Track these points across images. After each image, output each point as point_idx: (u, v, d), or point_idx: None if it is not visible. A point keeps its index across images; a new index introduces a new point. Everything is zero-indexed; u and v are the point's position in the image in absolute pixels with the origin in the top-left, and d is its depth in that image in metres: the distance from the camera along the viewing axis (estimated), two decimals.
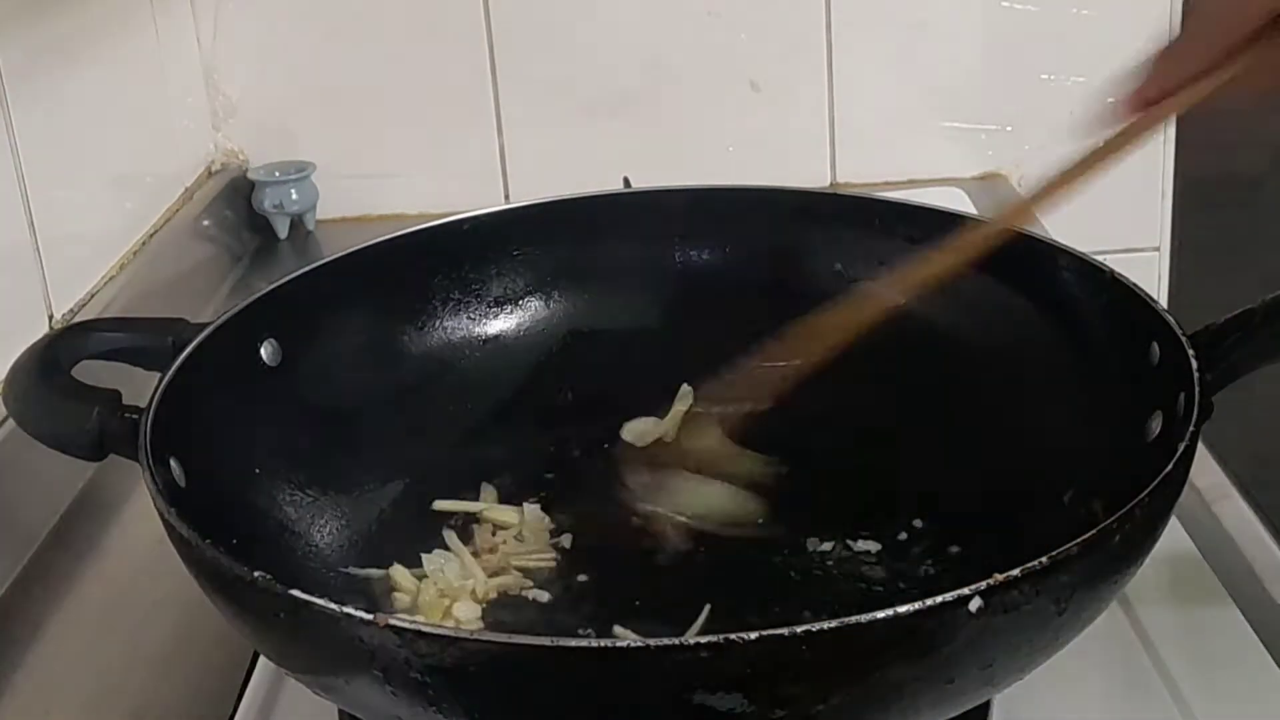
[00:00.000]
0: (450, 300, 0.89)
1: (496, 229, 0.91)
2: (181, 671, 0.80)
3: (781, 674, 0.52)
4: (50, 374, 0.72)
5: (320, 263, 0.84)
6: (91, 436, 0.69)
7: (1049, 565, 0.54)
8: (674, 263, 0.92)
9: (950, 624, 0.53)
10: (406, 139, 1.44)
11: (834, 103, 1.43)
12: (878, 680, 0.54)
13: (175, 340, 0.74)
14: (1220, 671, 0.71)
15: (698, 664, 0.51)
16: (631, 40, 1.41)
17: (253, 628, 0.60)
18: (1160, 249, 1.48)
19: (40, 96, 1.07)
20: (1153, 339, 0.72)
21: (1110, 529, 0.57)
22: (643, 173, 1.26)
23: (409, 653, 0.53)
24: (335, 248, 0.86)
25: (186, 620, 0.83)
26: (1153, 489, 0.59)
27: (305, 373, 0.80)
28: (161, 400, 0.69)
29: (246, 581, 0.57)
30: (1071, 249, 0.80)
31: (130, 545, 0.91)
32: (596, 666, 0.52)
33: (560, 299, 0.92)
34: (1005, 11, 1.39)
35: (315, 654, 0.58)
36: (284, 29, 1.40)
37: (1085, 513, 0.71)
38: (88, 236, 1.16)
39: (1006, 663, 0.57)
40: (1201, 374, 0.66)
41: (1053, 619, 0.56)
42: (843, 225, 0.90)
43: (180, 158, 1.38)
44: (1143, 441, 0.70)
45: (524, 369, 0.89)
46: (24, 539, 0.92)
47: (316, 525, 0.77)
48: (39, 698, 0.80)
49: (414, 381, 0.86)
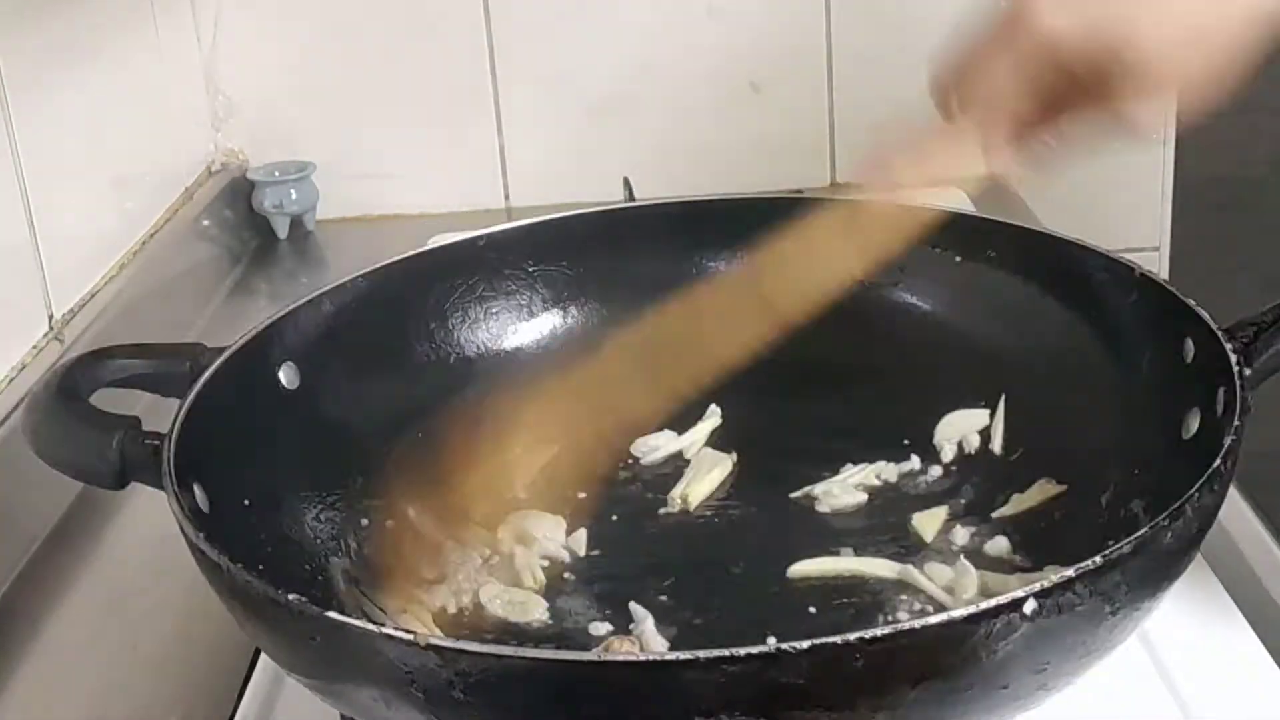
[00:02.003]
0: (468, 318, 0.88)
1: (510, 245, 0.90)
2: (181, 671, 0.80)
3: (834, 683, 0.52)
4: (69, 402, 0.71)
5: (334, 285, 0.83)
6: (113, 465, 0.68)
7: (1102, 565, 0.54)
8: (693, 274, 0.91)
9: (1005, 627, 0.53)
10: (406, 139, 1.43)
11: (834, 103, 1.43)
12: (932, 687, 0.53)
13: (192, 365, 0.74)
14: (1220, 671, 0.71)
15: (749, 675, 0.51)
16: (632, 40, 1.41)
17: (288, 650, 0.60)
18: (1160, 249, 1.48)
19: (40, 97, 1.07)
20: (1186, 336, 0.72)
21: (1162, 526, 0.56)
22: (642, 173, 1.26)
23: (450, 672, 0.52)
24: (335, 248, 0.86)
25: (186, 620, 0.83)
26: (1201, 484, 0.59)
27: (324, 394, 0.80)
28: (184, 425, 0.68)
29: (282, 605, 0.56)
30: (1098, 248, 0.80)
31: (130, 545, 0.91)
32: (641, 680, 0.52)
33: (578, 312, 0.91)
34: None
35: (352, 674, 0.57)
36: (284, 29, 1.40)
37: (1125, 513, 0.71)
38: (88, 236, 1.16)
39: (1060, 665, 0.57)
40: (1241, 368, 0.66)
41: (1105, 619, 0.56)
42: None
43: (180, 158, 1.38)
44: (1179, 439, 0.70)
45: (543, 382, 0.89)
46: (24, 539, 0.92)
47: (341, 544, 0.76)
48: (39, 698, 0.80)
49: (433, 398, 0.85)
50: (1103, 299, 0.79)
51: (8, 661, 0.82)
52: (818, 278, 0.74)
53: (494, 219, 1.34)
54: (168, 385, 0.74)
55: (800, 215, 0.78)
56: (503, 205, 1.45)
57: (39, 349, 1.04)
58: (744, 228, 0.91)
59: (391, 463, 0.81)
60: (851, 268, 0.76)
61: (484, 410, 0.85)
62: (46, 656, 0.83)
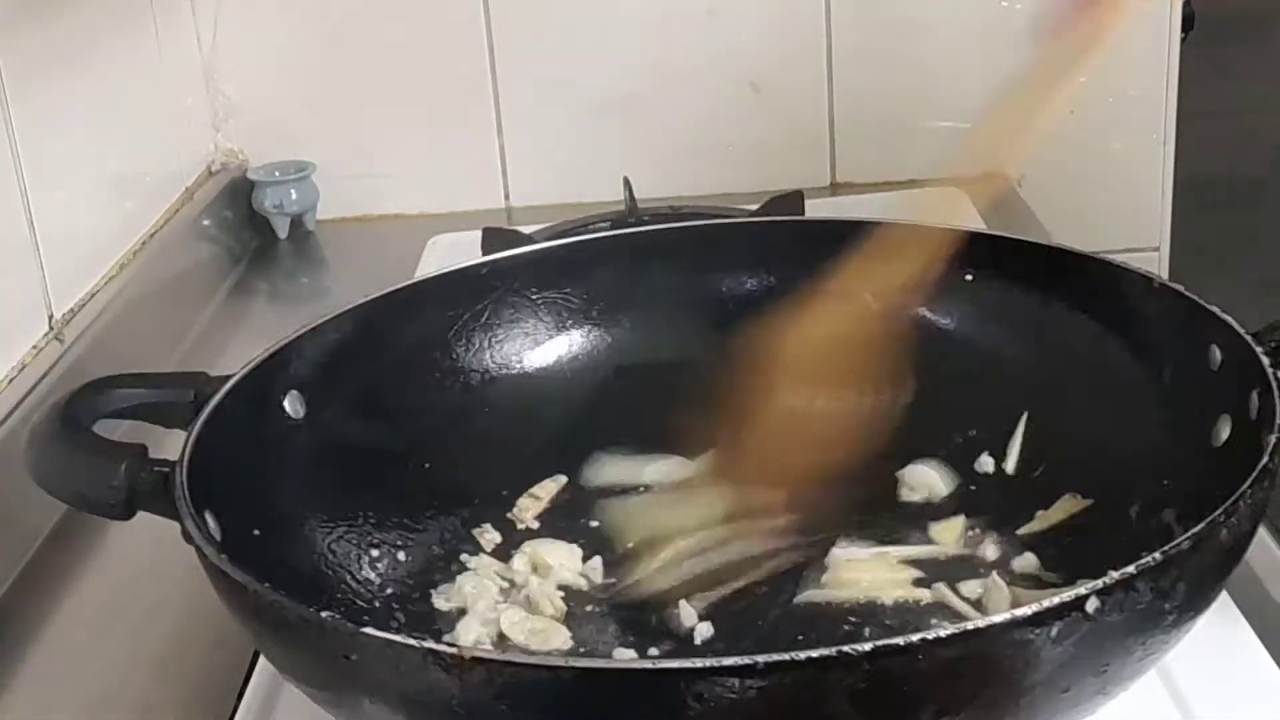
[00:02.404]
0: (472, 345, 0.87)
1: (512, 271, 0.89)
2: (181, 672, 0.80)
3: (896, 687, 0.51)
4: (73, 431, 0.70)
5: (336, 313, 0.82)
6: (120, 494, 0.67)
7: (1163, 561, 0.54)
8: (712, 295, 0.91)
9: (1069, 625, 0.52)
10: (406, 139, 1.43)
11: (834, 103, 1.43)
12: (995, 690, 0.53)
13: (197, 394, 0.74)
14: (1220, 671, 0.70)
15: (809, 679, 0.50)
16: (632, 40, 1.41)
17: (318, 670, 0.59)
18: (1160, 249, 1.48)
19: (40, 97, 1.07)
20: (1211, 343, 0.72)
21: (1217, 522, 0.57)
22: (642, 173, 1.27)
23: (495, 685, 0.52)
24: (335, 248, 0.86)
25: (186, 620, 0.83)
26: (1253, 481, 0.59)
27: (330, 423, 0.79)
28: (193, 452, 0.68)
29: (314, 624, 0.56)
30: (1115, 261, 0.80)
31: (130, 545, 0.91)
32: (694, 685, 0.51)
33: (584, 338, 0.90)
34: (1005, 11, 1.39)
35: (391, 694, 0.56)
36: (284, 29, 1.40)
37: (1156, 524, 0.71)
38: (88, 236, 1.16)
39: (1120, 668, 0.57)
40: (1275, 371, 0.66)
41: (1164, 618, 0.56)
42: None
43: (180, 158, 1.38)
44: (1209, 447, 0.70)
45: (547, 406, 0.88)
46: (24, 539, 0.92)
47: (352, 570, 0.76)
48: (39, 698, 0.80)
49: (439, 424, 0.84)
50: (1123, 311, 0.79)
51: (8, 661, 0.82)
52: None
53: (494, 219, 1.34)
54: (170, 415, 0.74)
55: (801, 238, 0.79)
56: (503, 205, 1.45)
57: (39, 349, 1.04)
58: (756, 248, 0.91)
59: (401, 485, 0.80)
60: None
61: (492, 437, 0.85)
62: (46, 657, 0.83)
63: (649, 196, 1.25)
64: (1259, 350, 0.68)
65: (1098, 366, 0.80)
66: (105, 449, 0.69)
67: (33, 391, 0.97)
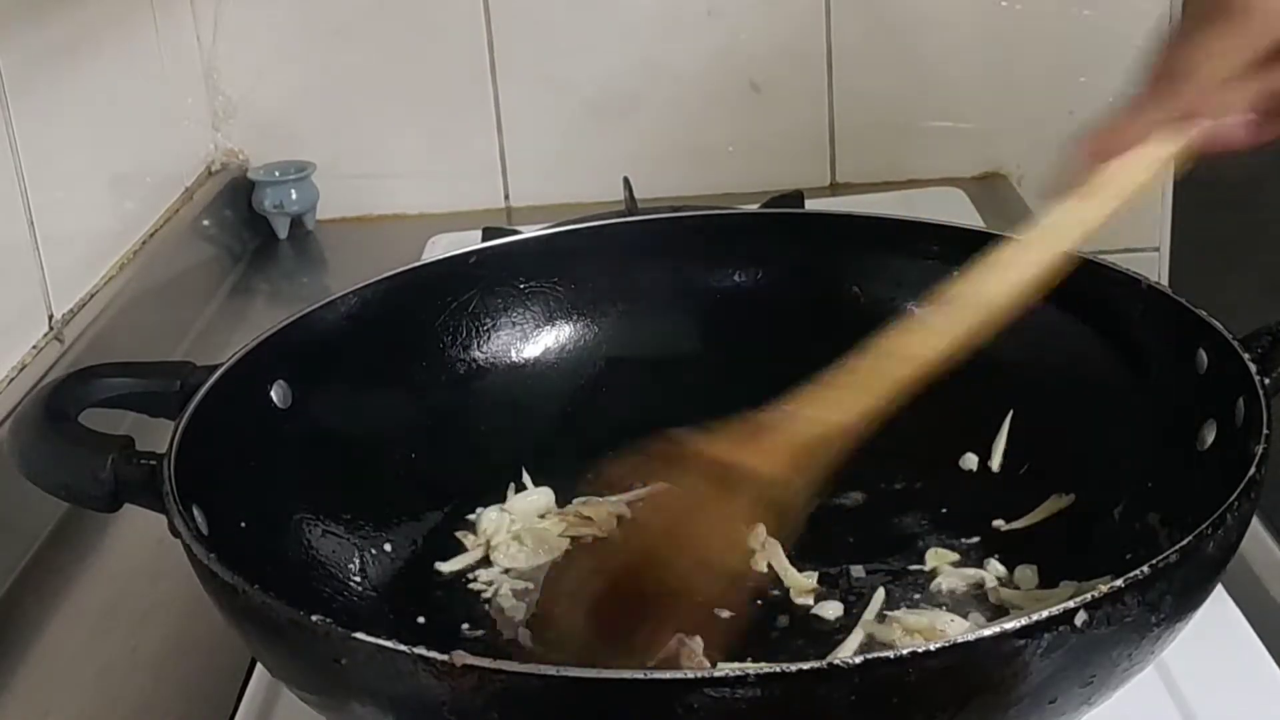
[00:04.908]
0: (459, 335, 0.87)
1: (502, 261, 0.89)
2: (181, 673, 0.80)
3: (886, 699, 0.51)
4: (58, 422, 0.70)
5: (322, 302, 0.82)
6: (106, 486, 0.66)
7: (1150, 575, 0.54)
8: (702, 288, 0.91)
9: (1057, 639, 0.53)
10: (406, 139, 1.44)
11: (834, 103, 1.43)
12: (984, 702, 0.53)
13: (183, 384, 0.73)
14: (1220, 671, 0.71)
15: (803, 691, 0.50)
16: (632, 40, 1.41)
17: (307, 673, 0.59)
18: (1160, 249, 1.48)
19: (40, 96, 1.07)
20: (1198, 347, 0.72)
21: (1204, 535, 0.57)
22: (642, 173, 1.27)
23: (486, 692, 0.51)
24: (335, 248, 0.86)
25: (186, 621, 0.83)
26: (1240, 493, 0.59)
27: (317, 413, 0.79)
28: (180, 446, 0.67)
29: (304, 626, 0.55)
30: (1105, 262, 0.80)
31: (130, 545, 0.91)
32: (686, 696, 0.51)
33: (573, 330, 0.90)
34: (1005, 11, 1.39)
35: (376, 698, 0.55)
36: (284, 29, 1.40)
37: (1140, 526, 0.71)
38: (88, 236, 1.16)
39: (1106, 679, 0.57)
40: (1262, 378, 0.66)
41: (1151, 630, 0.56)
42: (885, 249, 0.88)
43: (180, 158, 1.38)
44: (1194, 451, 0.70)
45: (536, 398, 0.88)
46: (24, 539, 0.92)
47: (341, 563, 0.75)
48: (39, 698, 0.80)
49: (427, 416, 0.84)
50: (1111, 312, 0.79)
51: (8, 662, 0.82)
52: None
53: (494, 219, 1.34)
54: (157, 405, 0.73)
55: (797, 230, 0.78)
56: (502, 205, 1.45)
57: (39, 349, 1.04)
58: (746, 240, 0.91)
59: (390, 477, 0.80)
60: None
61: (479, 428, 0.85)
62: (46, 658, 0.83)
63: (649, 196, 1.25)
64: (1246, 357, 0.68)
65: (1085, 367, 0.80)
66: (91, 440, 0.68)
67: (33, 391, 0.97)
